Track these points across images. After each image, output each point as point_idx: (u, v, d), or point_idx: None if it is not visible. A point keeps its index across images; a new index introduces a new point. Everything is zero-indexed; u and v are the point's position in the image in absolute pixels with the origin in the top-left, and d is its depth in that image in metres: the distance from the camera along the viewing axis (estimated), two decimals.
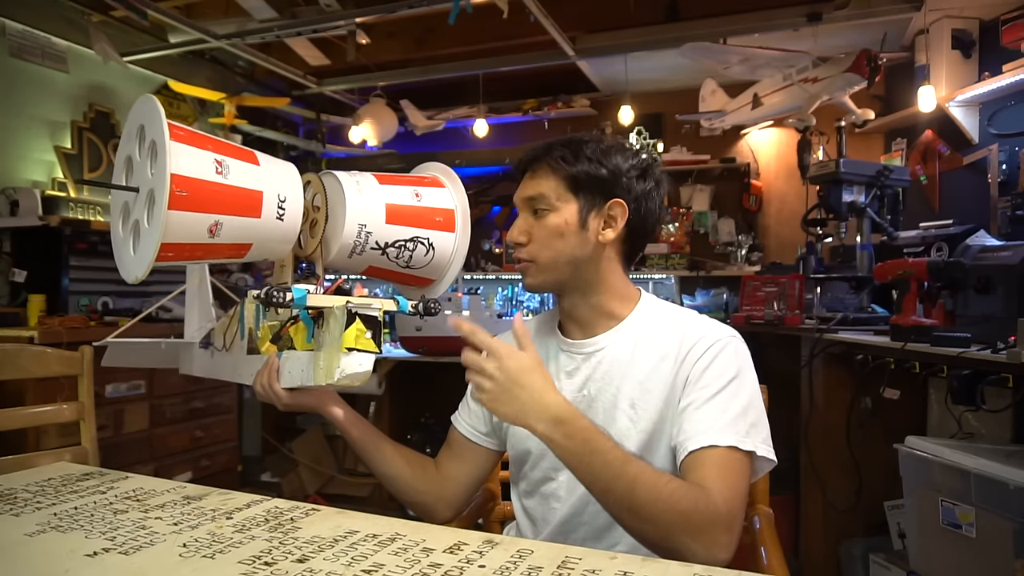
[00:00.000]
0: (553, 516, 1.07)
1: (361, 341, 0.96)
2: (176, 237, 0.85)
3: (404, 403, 3.79)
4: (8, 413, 1.41)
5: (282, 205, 0.94)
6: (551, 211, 1.04)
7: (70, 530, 0.83)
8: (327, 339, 0.98)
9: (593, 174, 1.03)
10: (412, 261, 1.05)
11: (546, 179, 1.05)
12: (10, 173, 3.09)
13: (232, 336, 1.23)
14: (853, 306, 2.54)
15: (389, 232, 1.02)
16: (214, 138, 0.91)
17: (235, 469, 3.39)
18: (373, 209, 1.00)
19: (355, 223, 0.98)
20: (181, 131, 0.87)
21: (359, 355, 0.96)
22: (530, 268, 1.07)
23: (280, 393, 1.06)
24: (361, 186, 1.01)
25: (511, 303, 4.37)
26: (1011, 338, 1.53)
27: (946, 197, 3.10)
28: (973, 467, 1.65)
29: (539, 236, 1.05)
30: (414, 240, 1.04)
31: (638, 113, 3.88)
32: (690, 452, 0.93)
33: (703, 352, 1.00)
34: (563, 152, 1.04)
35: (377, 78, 3.99)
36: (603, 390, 1.05)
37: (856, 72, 3.03)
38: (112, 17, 3.27)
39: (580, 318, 1.09)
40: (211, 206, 0.87)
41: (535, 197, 1.05)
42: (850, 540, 2.34)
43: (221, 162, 0.88)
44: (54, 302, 2.83)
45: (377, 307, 0.97)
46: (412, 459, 1.17)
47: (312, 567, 0.72)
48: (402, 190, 1.05)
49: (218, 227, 0.88)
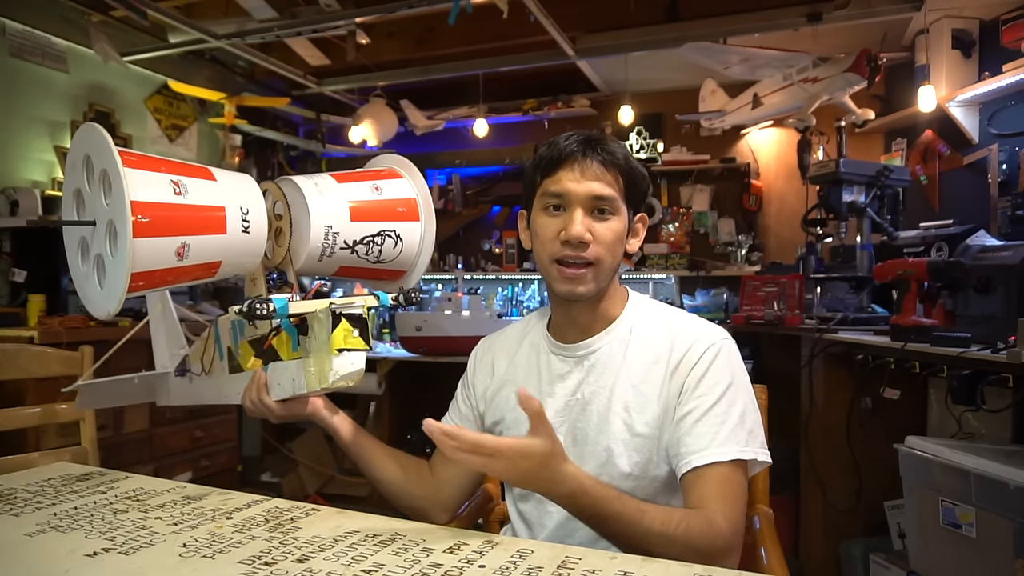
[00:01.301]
0: (549, 520, 1.06)
1: (350, 340, 0.95)
2: (144, 265, 0.83)
3: (404, 403, 3.79)
4: (8, 413, 1.42)
5: (246, 218, 0.91)
6: (616, 215, 1.00)
7: (70, 530, 0.83)
8: (314, 344, 0.98)
9: (640, 188, 1.03)
10: (382, 255, 1.04)
11: (607, 181, 0.99)
12: (10, 173, 3.09)
13: (210, 359, 1.21)
14: (853, 306, 2.54)
15: (356, 230, 1.00)
16: (165, 159, 0.89)
17: (235, 469, 3.39)
18: (337, 209, 0.99)
19: (321, 225, 0.97)
20: (132, 156, 0.84)
21: (350, 354, 0.95)
22: (589, 273, 1.00)
23: (272, 406, 1.05)
24: (321, 187, 0.99)
25: (511, 303, 4.37)
26: (1011, 338, 1.53)
27: (946, 197, 3.10)
28: (973, 467, 1.65)
29: (604, 238, 0.99)
30: (381, 234, 1.02)
31: (638, 113, 3.88)
32: (693, 468, 0.94)
33: (697, 359, 0.99)
34: (623, 154, 1.02)
35: (377, 78, 3.99)
36: (596, 393, 1.04)
37: (856, 72, 3.04)
38: (112, 17, 3.27)
39: (582, 324, 1.08)
40: (175, 228, 0.85)
41: (604, 197, 0.99)
42: (850, 540, 2.34)
43: (178, 182, 0.86)
44: (54, 302, 2.83)
45: (360, 304, 0.97)
46: (406, 463, 1.16)
47: (312, 567, 0.72)
48: (362, 186, 1.04)
49: (186, 249, 0.86)
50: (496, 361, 1.17)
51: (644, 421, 1.00)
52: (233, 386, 1.15)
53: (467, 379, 1.21)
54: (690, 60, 3.26)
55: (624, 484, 1.00)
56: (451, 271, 4.38)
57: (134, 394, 1.41)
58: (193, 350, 1.29)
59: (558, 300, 1.07)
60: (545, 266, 1.03)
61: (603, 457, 1.01)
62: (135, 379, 1.37)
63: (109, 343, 1.32)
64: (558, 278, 1.01)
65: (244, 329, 1.11)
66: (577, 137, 1.01)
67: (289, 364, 1.03)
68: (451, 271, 4.38)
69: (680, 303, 3.80)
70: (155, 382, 1.40)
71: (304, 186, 0.98)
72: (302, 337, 1.00)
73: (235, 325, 1.13)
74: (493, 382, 1.15)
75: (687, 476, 0.94)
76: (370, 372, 3.54)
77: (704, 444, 0.94)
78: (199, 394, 1.28)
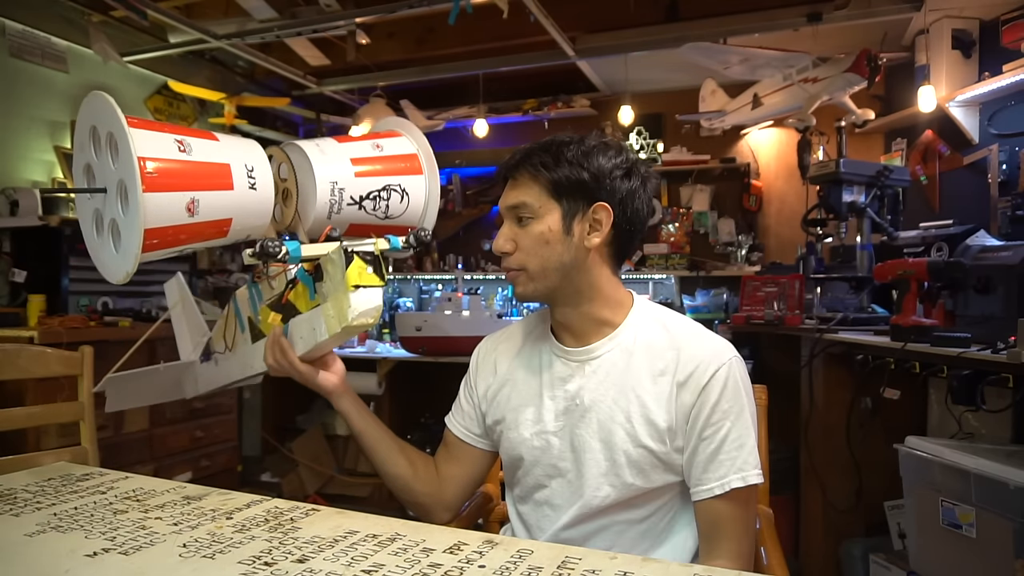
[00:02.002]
0: (548, 524, 1.06)
1: (365, 277, 0.95)
2: (157, 221, 0.85)
3: (404, 403, 3.79)
4: (8, 413, 1.41)
5: (251, 174, 0.93)
6: (535, 219, 1.02)
7: (70, 530, 0.83)
8: (330, 287, 0.97)
9: (574, 178, 1.00)
10: (390, 211, 1.05)
11: (527, 186, 1.02)
12: (10, 173, 3.09)
13: (232, 334, 1.22)
14: (853, 306, 2.54)
15: (361, 185, 1.02)
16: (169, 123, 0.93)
17: (235, 469, 3.39)
18: (340, 166, 1.00)
19: (326, 182, 0.98)
20: (135, 119, 0.87)
21: (366, 291, 0.95)
22: (520, 277, 1.04)
23: (295, 361, 1.06)
24: (323, 147, 1.01)
25: (511, 303, 4.37)
26: (1011, 338, 1.53)
27: (946, 197, 3.10)
28: (973, 467, 1.65)
29: (525, 244, 1.02)
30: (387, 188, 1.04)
31: (638, 113, 3.88)
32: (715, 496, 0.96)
33: (708, 380, 0.98)
34: (543, 157, 1.01)
35: (377, 78, 3.99)
36: (598, 400, 1.03)
37: (856, 72, 3.04)
38: (112, 17, 3.27)
39: (573, 327, 1.07)
40: (183, 183, 0.87)
41: (517, 205, 1.02)
42: (850, 540, 2.34)
43: (182, 141, 0.89)
44: (54, 302, 2.83)
45: (371, 242, 0.97)
46: (415, 458, 1.16)
47: (312, 567, 0.72)
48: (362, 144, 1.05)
49: (195, 204, 0.88)
50: (498, 360, 1.16)
51: (648, 433, 0.99)
52: (257, 354, 1.16)
53: (469, 378, 1.20)
54: (690, 60, 3.26)
55: (627, 493, 1.00)
56: (451, 271, 4.38)
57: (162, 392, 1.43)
58: (215, 331, 1.30)
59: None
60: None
61: (605, 466, 1.01)
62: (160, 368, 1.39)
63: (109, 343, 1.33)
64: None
65: (262, 294, 1.11)
66: (517, 150, 1.05)
67: (308, 315, 1.03)
68: (451, 271, 4.38)
69: (680, 303, 3.80)
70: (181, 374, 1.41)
71: (307, 147, 1.00)
72: (318, 284, 1.00)
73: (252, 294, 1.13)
74: (495, 381, 1.15)
75: (705, 504, 0.98)
76: (370, 372, 3.55)
77: (724, 472, 0.96)
78: (226, 373, 1.29)
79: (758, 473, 0.97)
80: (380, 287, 0.96)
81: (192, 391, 1.40)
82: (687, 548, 1.03)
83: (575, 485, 1.03)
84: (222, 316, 1.26)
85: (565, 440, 1.04)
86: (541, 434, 1.06)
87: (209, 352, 1.33)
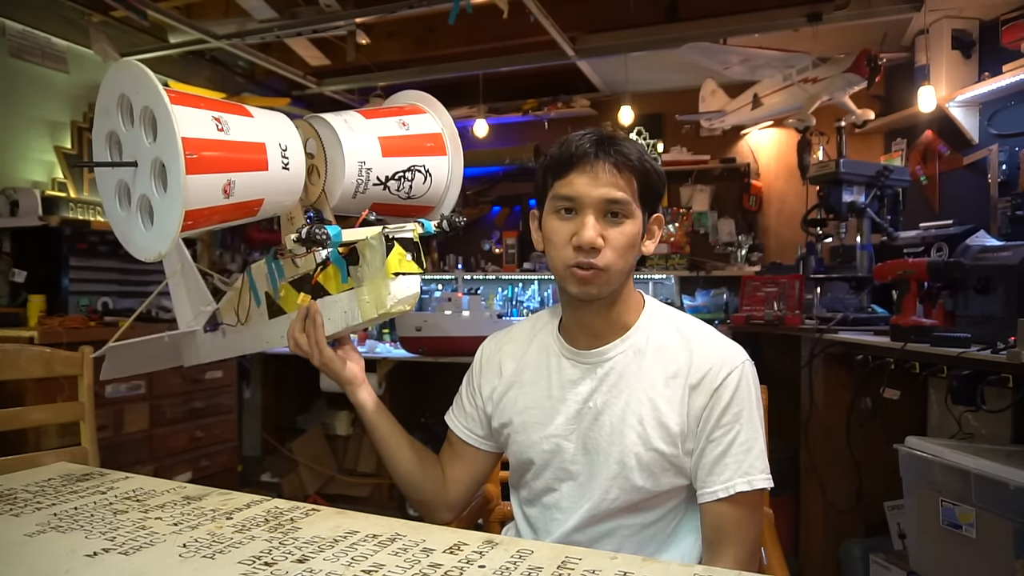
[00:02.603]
0: (556, 527, 1.05)
1: (405, 264, 0.95)
2: (195, 203, 0.83)
3: (404, 403, 3.79)
4: (8, 413, 1.41)
5: (285, 154, 0.91)
6: (629, 219, 0.97)
7: (70, 530, 0.83)
8: (367, 272, 0.96)
9: (656, 186, 0.99)
10: (412, 191, 1.04)
11: (623, 183, 0.96)
12: (10, 173, 3.09)
13: (247, 308, 1.20)
14: (853, 306, 2.54)
15: (387, 165, 1.00)
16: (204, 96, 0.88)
17: (235, 469, 3.39)
18: (368, 145, 0.99)
19: (355, 162, 0.97)
20: (174, 93, 0.84)
21: (406, 279, 0.95)
22: (599, 277, 0.97)
23: (323, 342, 1.05)
24: (351, 124, 0.99)
25: (511, 303, 4.37)
26: (1011, 338, 1.53)
27: (946, 197, 3.10)
28: (973, 467, 1.65)
29: (618, 244, 0.96)
30: (411, 169, 1.02)
31: (638, 113, 3.88)
32: (719, 499, 0.96)
33: (720, 383, 0.98)
34: (638, 154, 0.97)
35: (377, 78, 3.99)
36: (610, 403, 1.01)
37: (856, 72, 3.04)
38: (112, 17, 3.27)
39: (595, 329, 1.04)
40: (221, 165, 0.85)
41: (618, 201, 0.95)
42: (850, 540, 2.34)
43: (219, 119, 0.86)
44: (54, 302, 2.83)
45: (411, 228, 0.97)
46: (424, 456, 1.15)
47: (312, 567, 0.72)
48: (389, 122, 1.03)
49: (231, 186, 0.86)
50: (504, 362, 1.13)
51: (660, 436, 0.98)
52: (274, 330, 1.15)
53: (472, 378, 1.18)
54: (690, 60, 3.26)
55: (635, 496, 0.99)
56: (451, 271, 4.38)
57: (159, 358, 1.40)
58: (225, 302, 1.27)
59: (570, 302, 1.04)
60: (558, 270, 1.00)
61: (615, 470, 1.00)
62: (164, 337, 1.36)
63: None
64: (571, 280, 0.98)
65: (284, 271, 1.10)
66: (591, 137, 0.97)
67: (340, 297, 1.01)
68: (451, 271, 4.38)
69: (680, 303, 3.80)
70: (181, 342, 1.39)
71: (335, 123, 0.97)
72: (352, 268, 0.99)
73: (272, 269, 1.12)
74: (500, 383, 1.12)
75: (712, 506, 0.97)
76: (370, 372, 3.54)
77: (729, 475, 0.96)
78: (234, 346, 1.27)
79: (766, 477, 0.96)
80: (419, 274, 0.96)
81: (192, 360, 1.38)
82: (693, 553, 1.03)
83: (585, 488, 1.02)
84: (234, 288, 1.23)
85: (577, 444, 1.03)
86: (551, 437, 1.04)
87: (216, 322, 1.30)
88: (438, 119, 1.08)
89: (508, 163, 4.40)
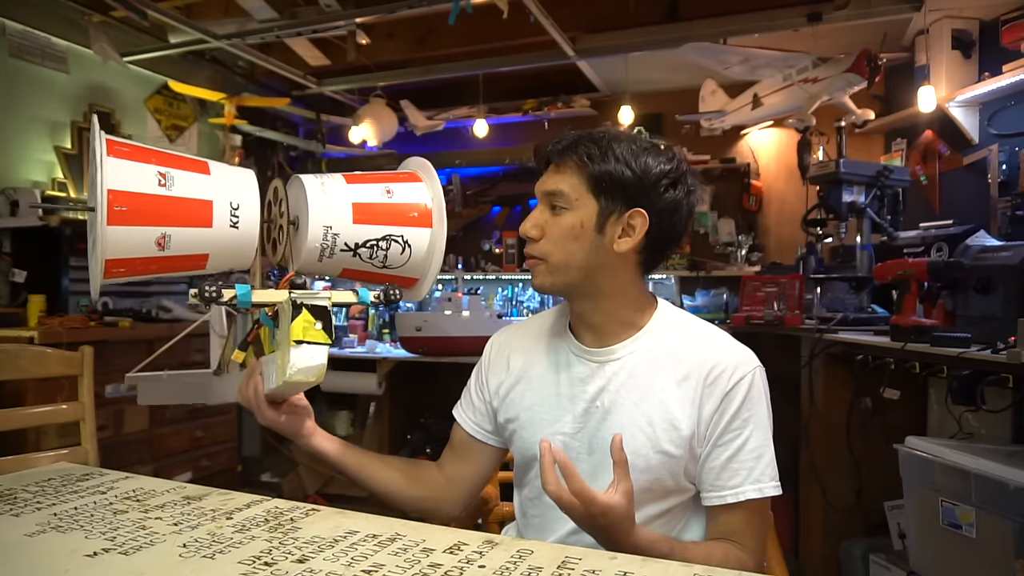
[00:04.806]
0: (559, 526, 1.04)
1: (310, 333, 0.90)
2: (122, 253, 0.85)
3: (404, 403, 3.79)
4: (8, 413, 1.41)
5: (235, 213, 0.91)
6: (568, 210, 0.98)
7: (70, 530, 0.83)
8: (280, 336, 0.94)
9: (617, 177, 0.96)
10: (388, 260, 1.00)
11: (568, 174, 0.99)
12: (10, 173, 3.09)
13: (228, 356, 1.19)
14: (853, 306, 2.54)
15: (358, 232, 0.98)
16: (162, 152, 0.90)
17: (235, 469, 3.39)
18: (339, 209, 0.97)
19: (319, 225, 0.95)
20: (125, 147, 0.86)
21: (309, 347, 0.90)
22: (539, 267, 1.01)
23: (262, 403, 1.01)
24: (326, 187, 0.97)
25: (511, 303, 4.36)
26: (1011, 338, 1.53)
27: (946, 197, 3.10)
28: (973, 467, 1.65)
29: (553, 234, 0.99)
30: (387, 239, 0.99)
31: (638, 113, 3.88)
32: (728, 504, 0.96)
33: (731, 387, 0.97)
34: (591, 148, 0.97)
35: (377, 78, 3.99)
36: (619, 403, 1.01)
37: (856, 72, 3.03)
38: (112, 17, 3.27)
39: (593, 324, 1.04)
40: (154, 219, 0.86)
41: (554, 192, 0.99)
42: (850, 540, 2.34)
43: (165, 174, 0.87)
44: (54, 302, 2.83)
45: (325, 296, 0.93)
46: (406, 468, 1.13)
47: (312, 567, 0.72)
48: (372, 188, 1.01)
49: (166, 239, 0.87)
50: (512, 356, 1.13)
51: (670, 439, 0.98)
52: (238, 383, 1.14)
53: (481, 371, 1.17)
54: (690, 60, 3.26)
55: (639, 498, 0.98)
56: (451, 271, 4.37)
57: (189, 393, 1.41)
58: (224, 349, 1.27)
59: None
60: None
61: None
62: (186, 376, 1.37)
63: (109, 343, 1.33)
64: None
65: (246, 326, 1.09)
66: (565, 135, 1.01)
67: (267, 358, 1.00)
68: (451, 271, 4.37)
69: (680, 303, 3.80)
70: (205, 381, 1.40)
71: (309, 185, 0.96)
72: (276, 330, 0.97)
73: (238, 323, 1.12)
74: (508, 378, 1.11)
75: (719, 509, 0.97)
76: (370, 372, 3.55)
77: (739, 481, 0.95)
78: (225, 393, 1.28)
79: (776, 485, 0.96)
80: (325, 344, 0.92)
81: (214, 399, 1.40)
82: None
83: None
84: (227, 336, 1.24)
85: (583, 442, 1.02)
86: (557, 435, 1.03)
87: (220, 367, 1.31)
88: (431, 189, 1.04)
89: (508, 163, 4.41)
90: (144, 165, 0.86)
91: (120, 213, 0.82)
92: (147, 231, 0.85)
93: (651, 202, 0.98)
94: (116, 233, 0.83)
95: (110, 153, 0.83)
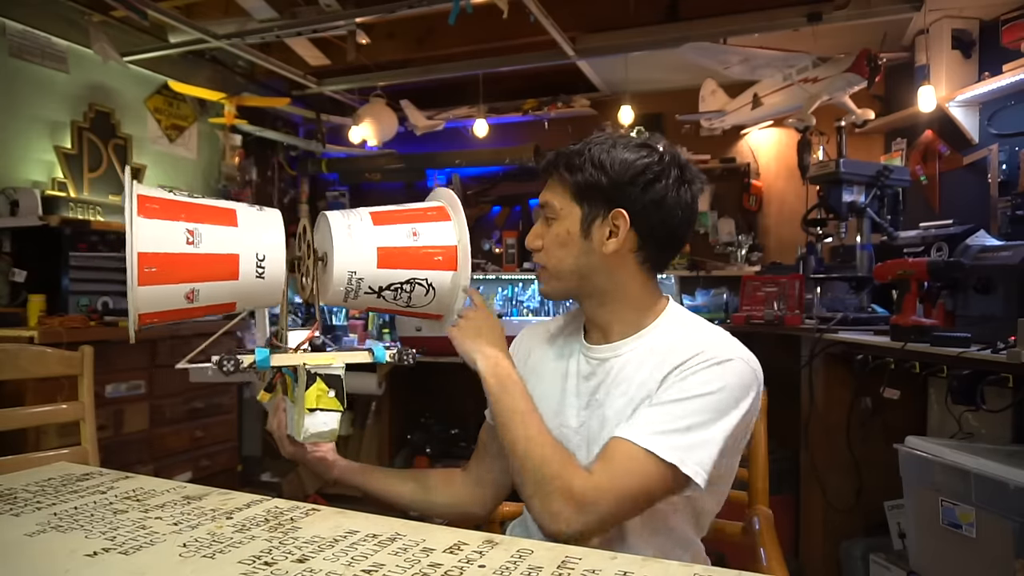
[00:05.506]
0: None
1: (323, 401, 0.97)
2: (153, 308, 0.89)
3: (404, 403, 3.79)
4: (8, 413, 1.42)
5: (261, 264, 0.94)
6: (556, 219, 1.05)
7: (70, 530, 0.83)
8: (298, 395, 1.00)
9: (594, 182, 1.00)
10: (412, 301, 1.04)
11: (555, 186, 1.06)
12: (10, 173, 3.08)
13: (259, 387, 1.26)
14: (853, 306, 2.54)
15: (382, 277, 1.00)
16: (190, 203, 0.92)
17: (235, 469, 3.39)
18: (364, 255, 0.99)
19: (344, 270, 0.98)
20: (155, 204, 0.89)
21: (322, 414, 0.98)
22: (542, 274, 1.08)
23: (284, 438, 1.11)
24: (352, 230, 0.99)
25: (511, 303, 4.36)
26: (1011, 338, 1.54)
27: (946, 197, 3.10)
28: (973, 467, 1.65)
29: (547, 244, 1.06)
30: (411, 282, 1.02)
31: (638, 113, 3.87)
32: (613, 436, 0.94)
33: (692, 358, 0.96)
34: (572, 159, 1.02)
35: (377, 78, 3.98)
36: (612, 397, 1.03)
37: (856, 72, 3.03)
38: (112, 17, 3.26)
39: (600, 324, 1.08)
40: (183, 276, 0.89)
41: (545, 205, 1.07)
42: (850, 540, 2.34)
43: (193, 231, 0.90)
44: (54, 302, 2.83)
45: (339, 366, 0.98)
46: (424, 478, 1.20)
47: (312, 567, 0.72)
48: (398, 230, 1.02)
49: (195, 294, 0.91)
50: (532, 349, 1.19)
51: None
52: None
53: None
54: (690, 60, 3.26)
55: None
56: None
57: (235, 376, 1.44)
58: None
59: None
60: None
61: None
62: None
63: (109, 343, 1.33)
64: None
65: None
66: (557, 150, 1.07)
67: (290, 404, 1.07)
68: None
69: (680, 303, 3.79)
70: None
71: (337, 228, 0.99)
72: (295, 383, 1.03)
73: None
74: (523, 370, 1.13)
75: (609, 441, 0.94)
76: (370, 372, 3.54)
77: (639, 425, 0.93)
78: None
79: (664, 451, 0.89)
80: (338, 411, 0.98)
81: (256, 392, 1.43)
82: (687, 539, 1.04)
83: None
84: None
85: (583, 436, 1.05)
86: (560, 428, 1.06)
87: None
88: (458, 228, 1.06)
89: (508, 163, 4.40)
90: (173, 224, 0.90)
91: (150, 274, 0.87)
92: (176, 288, 0.90)
93: (631, 201, 1.00)
94: (147, 292, 0.87)
95: (140, 213, 0.87)
